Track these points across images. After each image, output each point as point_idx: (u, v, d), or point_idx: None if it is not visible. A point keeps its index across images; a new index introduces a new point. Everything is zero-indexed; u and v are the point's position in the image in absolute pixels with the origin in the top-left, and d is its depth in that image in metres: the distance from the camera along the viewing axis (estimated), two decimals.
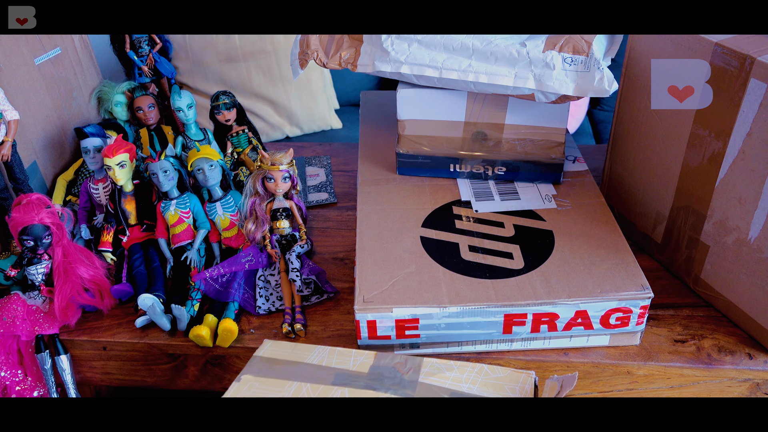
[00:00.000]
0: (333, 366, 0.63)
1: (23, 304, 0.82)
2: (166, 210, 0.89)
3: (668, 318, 0.81)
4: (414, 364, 0.63)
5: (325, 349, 0.66)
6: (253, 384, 0.61)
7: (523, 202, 0.88)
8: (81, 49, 1.12)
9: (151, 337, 0.82)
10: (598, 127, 1.87)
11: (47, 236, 0.81)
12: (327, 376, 0.61)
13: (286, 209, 0.88)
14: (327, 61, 0.88)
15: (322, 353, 0.65)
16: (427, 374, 0.61)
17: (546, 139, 0.88)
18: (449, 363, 0.63)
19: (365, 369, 0.63)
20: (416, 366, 0.63)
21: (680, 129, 0.78)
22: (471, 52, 0.81)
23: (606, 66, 0.78)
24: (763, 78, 0.66)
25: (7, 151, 0.88)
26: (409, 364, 0.63)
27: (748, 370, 0.74)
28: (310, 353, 0.65)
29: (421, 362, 0.63)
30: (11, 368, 0.82)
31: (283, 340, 0.67)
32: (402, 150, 0.93)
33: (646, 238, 0.90)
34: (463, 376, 0.61)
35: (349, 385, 0.60)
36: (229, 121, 1.00)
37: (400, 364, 0.63)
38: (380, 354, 0.65)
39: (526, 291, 0.73)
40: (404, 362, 0.63)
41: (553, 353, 0.76)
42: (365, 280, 0.75)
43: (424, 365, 0.63)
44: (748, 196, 0.71)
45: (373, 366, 0.63)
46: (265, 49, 1.56)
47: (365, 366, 0.63)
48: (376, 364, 0.63)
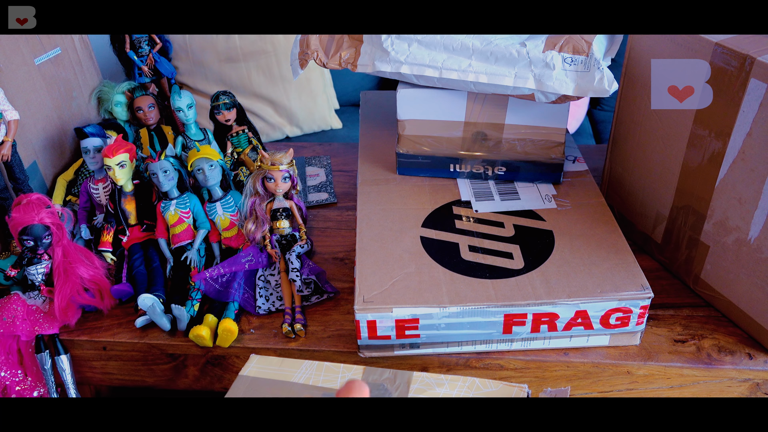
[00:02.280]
0: (320, 385, 0.62)
1: (23, 304, 0.82)
2: (166, 210, 0.89)
3: (668, 318, 0.81)
4: (403, 380, 0.62)
5: (313, 364, 0.64)
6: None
7: (523, 202, 0.88)
8: (81, 49, 1.12)
9: (151, 337, 0.82)
10: (598, 127, 1.87)
11: (47, 236, 0.81)
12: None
13: (286, 209, 0.88)
14: (327, 61, 0.88)
15: (309, 369, 0.64)
16: (417, 390, 0.60)
17: (546, 139, 0.88)
18: (440, 378, 0.62)
19: None
20: (406, 381, 0.62)
21: (680, 129, 0.78)
22: (471, 52, 0.81)
23: (606, 66, 0.78)
24: (763, 78, 0.66)
25: (7, 151, 0.88)
26: (399, 380, 0.62)
27: (748, 370, 0.74)
28: (296, 370, 0.64)
29: (410, 377, 0.62)
30: (11, 368, 0.82)
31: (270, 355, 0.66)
32: (402, 150, 0.93)
33: (646, 238, 0.90)
34: (454, 391, 0.60)
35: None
36: (229, 121, 1.00)
37: (389, 380, 0.62)
38: (369, 369, 0.64)
39: (526, 291, 0.73)
40: (393, 378, 0.62)
41: (553, 353, 0.76)
42: (365, 280, 0.75)
43: (414, 381, 0.62)
44: (748, 196, 0.71)
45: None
46: (265, 49, 1.56)
47: None
48: (364, 380, 0.62)
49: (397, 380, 0.62)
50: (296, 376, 0.63)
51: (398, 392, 0.60)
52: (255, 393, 0.61)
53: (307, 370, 0.63)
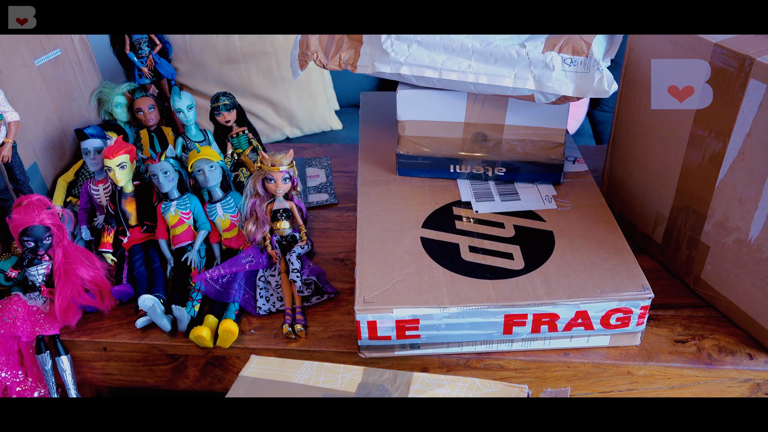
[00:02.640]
0: (320, 386, 0.62)
1: (24, 305, 0.82)
2: (167, 211, 0.89)
3: (668, 318, 0.81)
4: (403, 381, 0.62)
5: (313, 365, 0.64)
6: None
7: (524, 202, 0.88)
8: (81, 50, 1.12)
9: (151, 338, 0.82)
10: (598, 127, 1.87)
11: (48, 237, 0.81)
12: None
13: (286, 210, 0.88)
14: (327, 62, 0.88)
15: (309, 370, 0.64)
16: (417, 391, 0.60)
17: (546, 139, 0.88)
18: (440, 378, 0.62)
19: (353, 387, 0.61)
20: (406, 382, 0.62)
21: (680, 129, 0.78)
22: (471, 53, 0.81)
23: (606, 66, 0.78)
24: (762, 78, 0.66)
25: (7, 152, 0.88)
26: (399, 380, 0.62)
27: (748, 370, 0.74)
28: (297, 371, 0.64)
29: (410, 378, 0.62)
30: (12, 369, 0.82)
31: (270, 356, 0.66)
32: (402, 151, 0.93)
33: (647, 238, 0.90)
34: (454, 391, 0.60)
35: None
36: (229, 122, 1.00)
37: (389, 381, 0.62)
38: (369, 370, 0.64)
39: (527, 291, 0.73)
40: (393, 378, 0.62)
41: (553, 353, 0.76)
42: (365, 281, 0.75)
43: (414, 381, 0.61)
44: (748, 196, 0.71)
45: (362, 384, 0.62)
46: (265, 50, 1.56)
47: (353, 384, 0.62)
48: (364, 381, 0.62)
49: (398, 381, 0.62)
50: (296, 377, 0.63)
51: (398, 392, 0.60)
52: (255, 393, 0.61)
53: (308, 371, 0.63)
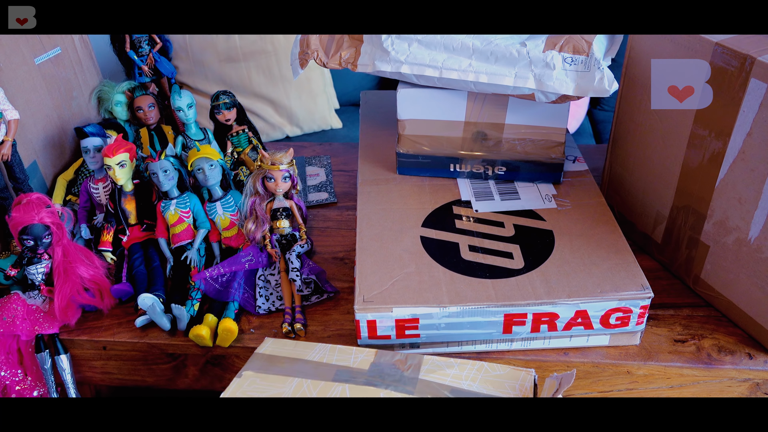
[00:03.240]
0: (334, 363, 0.63)
1: (23, 303, 0.82)
2: (166, 210, 0.89)
3: (668, 318, 0.81)
4: (414, 362, 0.63)
5: (326, 346, 0.66)
6: (254, 380, 0.61)
7: (523, 201, 0.88)
8: (81, 48, 1.12)
9: (151, 337, 0.82)
10: (598, 126, 1.87)
11: (47, 236, 0.81)
12: (328, 373, 0.61)
13: (286, 209, 0.88)
14: (327, 61, 0.88)
15: (323, 350, 0.65)
16: (427, 371, 0.62)
17: (546, 138, 0.88)
18: (449, 360, 0.63)
19: (366, 366, 0.63)
20: (417, 363, 0.63)
21: (680, 129, 0.78)
22: (471, 52, 0.81)
23: (606, 66, 0.78)
24: (763, 78, 0.66)
25: (7, 150, 0.88)
26: (410, 361, 0.63)
27: (748, 370, 0.74)
28: (311, 350, 0.65)
29: (421, 360, 0.63)
30: (11, 368, 0.82)
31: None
32: (402, 150, 0.93)
33: (646, 238, 0.90)
34: (464, 373, 0.62)
35: (349, 381, 0.60)
36: (229, 121, 1.00)
37: (400, 362, 0.63)
38: (381, 351, 0.65)
39: (526, 291, 0.73)
40: (405, 359, 0.64)
41: (553, 353, 0.76)
42: (365, 280, 0.75)
43: (425, 362, 0.63)
44: (748, 196, 0.71)
45: (374, 363, 0.63)
46: (265, 49, 1.56)
47: (366, 363, 0.63)
48: (376, 361, 0.63)
49: (408, 362, 0.63)
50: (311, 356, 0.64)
51: (409, 373, 0.61)
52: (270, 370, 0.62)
53: (321, 351, 0.65)
